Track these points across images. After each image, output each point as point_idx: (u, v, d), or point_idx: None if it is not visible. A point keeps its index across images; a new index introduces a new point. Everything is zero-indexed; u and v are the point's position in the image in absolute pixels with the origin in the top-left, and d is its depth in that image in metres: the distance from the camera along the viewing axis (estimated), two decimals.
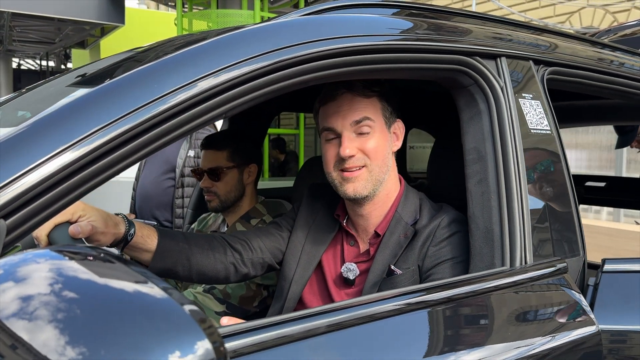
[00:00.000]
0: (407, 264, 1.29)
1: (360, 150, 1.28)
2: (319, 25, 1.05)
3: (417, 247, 1.29)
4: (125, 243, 1.22)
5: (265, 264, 1.46)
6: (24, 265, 0.56)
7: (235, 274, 1.41)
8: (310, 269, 1.41)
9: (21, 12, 7.63)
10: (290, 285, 1.41)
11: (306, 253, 1.43)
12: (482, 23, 1.36)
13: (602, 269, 1.24)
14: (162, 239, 1.28)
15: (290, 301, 1.40)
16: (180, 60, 0.91)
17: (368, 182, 1.30)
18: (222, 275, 1.40)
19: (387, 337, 0.93)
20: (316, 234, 1.44)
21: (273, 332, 0.81)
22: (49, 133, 0.76)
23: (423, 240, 1.29)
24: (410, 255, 1.29)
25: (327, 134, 1.32)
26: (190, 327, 0.53)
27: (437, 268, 1.26)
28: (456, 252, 1.26)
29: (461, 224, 1.29)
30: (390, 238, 1.32)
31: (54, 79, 1.30)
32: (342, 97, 1.30)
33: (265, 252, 1.45)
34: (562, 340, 1.07)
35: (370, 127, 1.29)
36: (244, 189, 1.98)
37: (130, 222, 1.23)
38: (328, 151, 1.32)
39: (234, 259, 1.40)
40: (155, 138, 0.84)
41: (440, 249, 1.27)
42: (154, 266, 1.28)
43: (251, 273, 1.44)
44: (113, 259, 0.60)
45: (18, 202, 0.71)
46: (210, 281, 1.45)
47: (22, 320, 0.51)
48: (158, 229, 1.31)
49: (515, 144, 1.20)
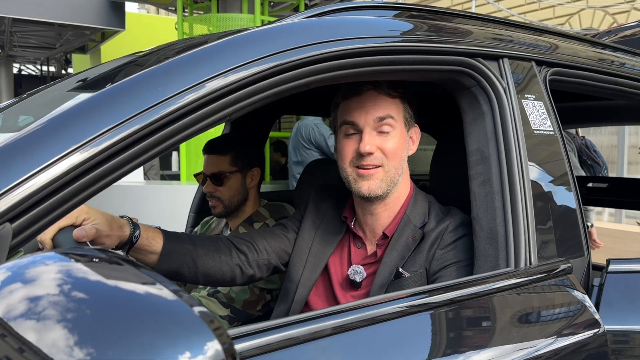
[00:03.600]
0: (415, 267, 1.29)
1: (379, 148, 1.28)
2: (321, 28, 1.06)
3: (424, 250, 1.29)
4: (131, 245, 1.21)
5: (271, 265, 1.45)
6: (33, 267, 0.56)
7: (242, 275, 1.41)
8: (317, 271, 1.41)
9: (22, 17, 7.65)
10: (297, 287, 1.41)
11: (313, 255, 1.42)
12: (483, 24, 1.36)
13: (607, 269, 1.24)
14: (168, 241, 1.28)
15: (297, 304, 1.40)
16: (183, 63, 0.91)
17: (383, 182, 1.30)
18: (228, 277, 1.39)
19: (392, 338, 0.93)
20: (323, 236, 1.44)
21: (279, 334, 0.81)
22: (53, 136, 0.76)
23: (431, 243, 1.29)
24: (418, 258, 1.29)
25: (348, 128, 1.31)
26: (200, 328, 0.53)
27: (444, 271, 1.25)
28: (463, 255, 1.26)
29: (469, 227, 1.28)
30: (399, 240, 1.32)
31: (55, 84, 1.30)
32: (367, 93, 1.30)
33: (270, 253, 1.44)
34: (567, 342, 1.07)
35: (392, 127, 1.30)
36: (247, 193, 1.97)
37: (135, 224, 1.22)
38: (346, 146, 1.31)
39: (239, 261, 1.40)
40: (158, 142, 0.85)
41: (448, 252, 1.27)
42: (160, 268, 1.27)
43: (257, 275, 1.43)
44: (121, 261, 0.60)
45: (24, 205, 0.71)
46: (217, 283, 1.45)
47: (31, 321, 0.51)
48: (163, 231, 1.30)
49: (518, 144, 1.20)
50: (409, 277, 1.27)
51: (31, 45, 10.50)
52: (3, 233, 0.69)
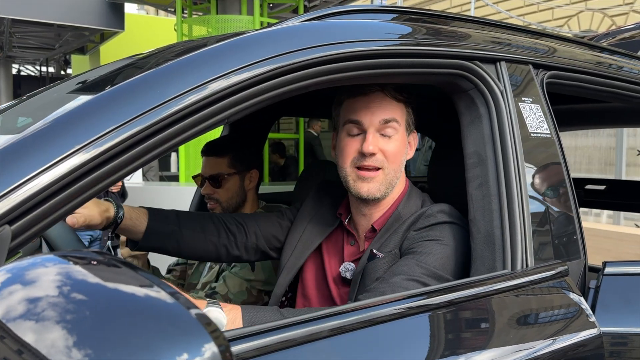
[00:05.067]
0: (389, 248, 1.29)
1: (381, 150, 1.29)
2: (320, 31, 1.06)
3: (400, 232, 1.30)
4: (116, 226, 1.32)
5: (259, 250, 1.51)
6: (33, 269, 0.56)
7: (227, 255, 1.48)
8: (302, 258, 1.44)
9: (21, 18, 7.65)
10: (281, 272, 1.46)
11: (302, 243, 1.46)
12: (481, 27, 1.37)
13: (603, 271, 1.24)
14: (152, 222, 1.38)
15: (279, 287, 1.44)
16: (184, 65, 0.91)
17: (382, 185, 1.30)
18: (213, 255, 1.48)
19: (389, 340, 0.93)
20: (314, 226, 1.46)
21: (276, 336, 0.81)
22: (53, 138, 0.76)
23: (407, 225, 1.30)
24: (394, 239, 1.30)
25: (352, 127, 1.31)
26: (197, 330, 0.53)
27: (414, 245, 1.25)
28: (438, 235, 1.24)
29: (449, 216, 1.28)
30: (385, 233, 1.33)
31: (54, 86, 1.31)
32: (374, 94, 1.30)
33: (260, 238, 1.49)
34: (564, 344, 1.07)
35: (395, 130, 1.30)
36: (245, 195, 1.98)
37: (118, 206, 1.32)
38: (348, 145, 1.31)
39: (227, 241, 1.46)
40: (156, 145, 0.85)
41: (420, 233, 1.27)
42: (143, 245, 1.39)
43: (244, 256, 1.51)
44: (119, 263, 0.60)
45: (23, 207, 0.72)
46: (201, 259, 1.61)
47: (30, 322, 0.52)
48: (150, 209, 1.39)
49: (515, 147, 1.20)
50: (383, 258, 1.28)
51: (30, 46, 10.51)
52: (2, 235, 0.70)
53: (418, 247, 1.24)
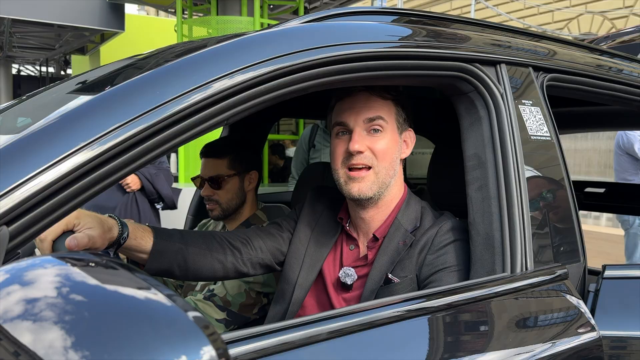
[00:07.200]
0: (405, 272, 1.28)
1: (369, 148, 1.29)
2: (321, 33, 1.06)
3: (414, 255, 1.29)
4: (119, 246, 1.22)
5: (265, 264, 1.46)
6: (31, 270, 0.56)
7: (234, 272, 1.42)
8: (314, 272, 1.41)
9: (21, 18, 7.65)
10: (294, 289, 1.41)
11: (309, 256, 1.42)
12: (481, 30, 1.37)
13: (602, 275, 1.24)
14: (158, 240, 1.28)
15: (294, 305, 1.40)
16: (185, 65, 0.91)
17: (374, 184, 1.30)
18: (220, 274, 1.40)
19: (389, 343, 0.93)
20: (319, 237, 1.44)
21: (274, 339, 0.81)
22: (52, 138, 0.76)
23: (420, 247, 1.29)
24: (408, 264, 1.29)
25: (339, 128, 1.32)
26: (194, 333, 0.53)
27: (434, 277, 1.25)
28: (454, 261, 1.25)
29: (460, 232, 1.28)
30: (389, 244, 1.32)
31: (54, 86, 1.31)
32: (359, 94, 1.31)
33: (265, 252, 1.45)
34: (563, 347, 1.07)
35: (382, 128, 1.30)
36: (245, 196, 1.98)
37: (123, 224, 1.22)
38: (337, 147, 1.32)
39: (233, 258, 1.40)
40: (155, 146, 0.85)
41: (438, 257, 1.26)
42: (150, 267, 1.28)
43: (250, 272, 1.44)
44: (117, 265, 0.60)
45: (21, 208, 0.71)
46: (208, 279, 1.47)
47: (28, 323, 0.52)
48: (154, 228, 1.30)
49: (515, 150, 1.20)
50: (399, 283, 1.27)
51: (30, 46, 10.50)
52: (0, 236, 0.70)
53: (438, 282, 1.24)
